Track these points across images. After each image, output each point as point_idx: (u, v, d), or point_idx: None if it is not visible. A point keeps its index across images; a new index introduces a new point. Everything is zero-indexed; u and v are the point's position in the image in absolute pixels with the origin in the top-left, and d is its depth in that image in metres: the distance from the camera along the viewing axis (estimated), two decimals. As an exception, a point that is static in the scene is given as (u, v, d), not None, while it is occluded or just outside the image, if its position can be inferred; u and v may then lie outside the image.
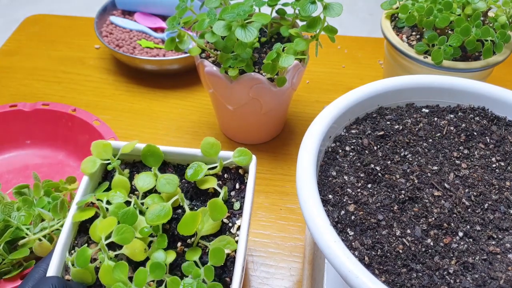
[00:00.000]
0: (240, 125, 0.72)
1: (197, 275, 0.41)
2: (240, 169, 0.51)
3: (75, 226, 0.47)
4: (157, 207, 0.43)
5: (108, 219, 0.43)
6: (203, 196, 0.48)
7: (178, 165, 0.52)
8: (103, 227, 0.43)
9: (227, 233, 0.46)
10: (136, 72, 0.88)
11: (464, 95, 0.53)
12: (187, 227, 0.43)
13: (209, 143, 0.49)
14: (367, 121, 0.52)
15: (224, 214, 0.44)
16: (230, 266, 0.44)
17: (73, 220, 0.46)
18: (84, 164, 0.48)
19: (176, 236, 0.45)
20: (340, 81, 0.87)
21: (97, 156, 0.49)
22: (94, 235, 0.44)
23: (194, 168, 0.47)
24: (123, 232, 0.42)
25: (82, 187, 0.48)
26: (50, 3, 1.82)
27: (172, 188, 0.45)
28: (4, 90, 0.85)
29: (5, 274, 0.52)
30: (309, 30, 0.60)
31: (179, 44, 0.64)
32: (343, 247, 0.38)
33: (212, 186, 0.47)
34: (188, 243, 0.45)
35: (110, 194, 0.46)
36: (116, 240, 0.42)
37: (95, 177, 0.50)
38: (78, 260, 0.41)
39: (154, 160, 0.49)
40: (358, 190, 0.44)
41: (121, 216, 0.43)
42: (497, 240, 0.40)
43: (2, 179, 0.68)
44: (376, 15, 1.69)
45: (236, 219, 0.47)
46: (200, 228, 0.45)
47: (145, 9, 0.95)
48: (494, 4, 0.68)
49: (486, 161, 0.47)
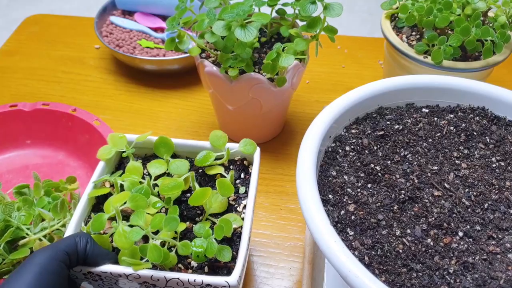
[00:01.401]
0: (240, 125, 0.72)
1: (208, 234, 0.43)
2: (245, 161, 0.53)
3: (90, 204, 0.49)
4: (169, 181, 0.46)
5: (122, 193, 0.45)
6: (211, 181, 0.50)
7: (187, 158, 0.54)
8: (118, 199, 0.45)
9: (234, 212, 0.48)
10: (136, 72, 0.88)
11: (464, 95, 0.53)
12: (198, 199, 0.45)
13: (217, 135, 0.52)
14: (367, 121, 0.52)
15: (231, 192, 0.46)
16: (237, 240, 0.45)
17: (89, 196, 0.48)
18: (101, 151, 0.51)
19: (185, 216, 0.47)
20: (340, 81, 0.87)
21: (112, 146, 0.52)
22: (108, 209, 0.45)
23: (203, 154, 0.50)
24: (137, 200, 0.44)
25: (98, 171, 0.50)
26: (50, 3, 1.82)
27: (184, 170, 0.48)
28: (4, 90, 0.85)
29: (5, 274, 0.52)
30: (309, 30, 0.60)
31: (179, 44, 0.64)
32: (343, 247, 0.38)
33: (219, 172, 0.50)
34: (197, 221, 0.47)
35: (124, 176, 0.48)
36: (131, 206, 0.44)
37: (110, 164, 0.52)
38: (93, 225, 0.43)
39: (166, 150, 0.52)
40: (358, 190, 0.44)
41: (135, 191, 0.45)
42: (497, 240, 0.40)
43: (2, 179, 0.68)
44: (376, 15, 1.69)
45: (242, 200, 0.49)
46: (208, 207, 0.47)
47: (145, 9, 0.95)
48: (494, 4, 0.68)
49: (486, 161, 0.47)
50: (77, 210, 0.47)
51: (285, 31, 0.65)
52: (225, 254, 0.43)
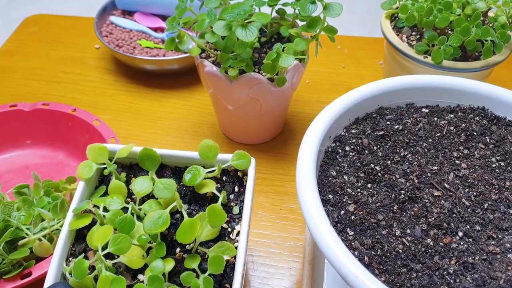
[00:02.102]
0: (240, 125, 0.72)
1: (196, 286, 0.41)
2: (239, 171, 0.51)
3: (72, 233, 0.46)
4: (154, 215, 0.42)
5: (104, 228, 0.43)
6: (201, 200, 0.48)
7: (176, 167, 0.51)
8: (100, 236, 0.42)
9: (226, 238, 0.46)
10: (136, 72, 0.88)
11: (464, 95, 0.53)
12: (186, 235, 0.42)
13: (207, 146, 0.48)
14: (367, 121, 0.52)
15: (223, 220, 0.44)
16: (230, 272, 0.44)
17: (70, 228, 0.45)
18: (80, 169, 0.48)
19: (174, 241, 0.45)
20: (340, 81, 0.87)
21: (92, 160, 0.48)
22: (91, 243, 0.44)
23: (192, 172, 0.47)
24: (119, 242, 0.41)
25: (78, 193, 0.47)
26: (50, 3, 1.82)
27: (170, 194, 0.45)
28: (4, 90, 0.85)
29: (5, 274, 0.52)
30: (309, 30, 0.60)
31: (179, 44, 0.64)
32: (343, 247, 0.38)
33: (211, 191, 0.47)
34: (187, 249, 0.45)
35: (107, 200, 0.45)
36: (113, 251, 0.41)
37: (92, 182, 0.49)
38: (75, 273, 0.41)
39: (151, 163, 0.48)
40: (358, 190, 0.44)
41: (118, 224, 0.42)
42: (497, 240, 0.40)
43: (2, 179, 0.68)
44: (376, 15, 1.69)
45: (236, 224, 0.47)
46: (199, 235, 0.44)
47: (145, 9, 0.95)
48: (494, 4, 0.68)
49: (486, 161, 0.47)
50: (58, 246, 0.44)
51: (285, 31, 0.65)
52: None
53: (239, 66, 0.60)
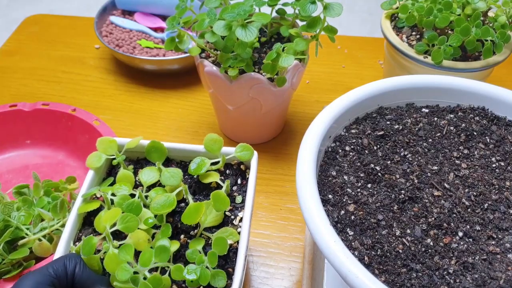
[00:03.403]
0: (240, 125, 0.72)
1: (201, 261, 0.42)
2: (242, 165, 0.52)
3: (80, 218, 0.47)
4: (161, 197, 0.44)
5: (113, 210, 0.44)
6: (206, 190, 0.49)
7: (181, 161, 0.52)
8: (108, 217, 0.43)
9: (230, 225, 0.47)
10: (136, 72, 0.88)
11: (464, 95, 0.53)
12: (191, 217, 0.43)
13: (212, 139, 0.50)
14: (367, 121, 0.52)
15: (227, 205, 0.45)
16: (233, 256, 0.44)
17: (78, 212, 0.46)
18: (90, 159, 0.49)
19: (179, 228, 0.46)
20: (340, 81, 0.87)
21: (102, 151, 0.50)
22: (98, 226, 0.44)
23: (197, 162, 0.48)
24: (127, 221, 0.42)
25: (87, 181, 0.48)
26: (50, 3, 1.82)
27: (176, 181, 0.46)
28: (4, 90, 0.85)
29: (5, 274, 0.52)
30: (309, 30, 0.60)
31: (179, 44, 0.64)
32: (343, 247, 0.38)
33: (215, 180, 0.48)
34: (191, 235, 0.46)
35: (115, 187, 0.47)
36: (121, 228, 0.42)
37: (100, 172, 0.51)
38: (84, 249, 0.42)
39: (158, 155, 0.50)
40: (358, 190, 0.44)
41: (126, 207, 0.44)
42: (497, 240, 0.40)
43: (2, 179, 0.68)
44: (376, 15, 1.69)
45: (238, 211, 0.48)
46: (203, 220, 0.45)
47: (145, 9, 0.95)
48: (494, 4, 0.68)
49: (486, 161, 0.47)
50: (67, 228, 0.45)
51: (285, 31, 0.65)
52: (219, 281, 0.41)
53: (239, 66, 0.60)
